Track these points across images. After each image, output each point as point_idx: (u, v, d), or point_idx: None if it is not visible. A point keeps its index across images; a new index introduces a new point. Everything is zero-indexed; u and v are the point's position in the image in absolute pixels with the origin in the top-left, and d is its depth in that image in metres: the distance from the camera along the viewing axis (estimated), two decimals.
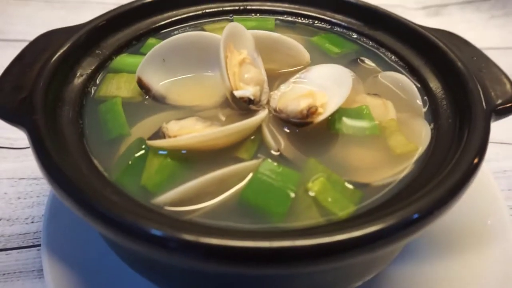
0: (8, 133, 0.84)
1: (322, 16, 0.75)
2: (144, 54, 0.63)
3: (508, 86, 0.52)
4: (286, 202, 0.43)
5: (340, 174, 0.48)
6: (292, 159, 0.49)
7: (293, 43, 0.62)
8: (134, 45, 0.67)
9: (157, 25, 0.71)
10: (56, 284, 0.55)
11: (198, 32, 0.59)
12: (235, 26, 0.56)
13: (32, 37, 1.17)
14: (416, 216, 0.37)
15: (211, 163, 0.48)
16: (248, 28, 0.73)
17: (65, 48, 0.56)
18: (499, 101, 0.50)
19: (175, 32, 0.71)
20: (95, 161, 0.47)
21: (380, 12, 0.69)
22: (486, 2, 1.27)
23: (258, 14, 0.76)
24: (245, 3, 0.77)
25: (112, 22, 0.65)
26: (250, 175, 0.46)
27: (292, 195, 0.44)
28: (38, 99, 0.47)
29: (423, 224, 0.36)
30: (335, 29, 0.73)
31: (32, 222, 0.68)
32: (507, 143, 0.84)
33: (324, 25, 0.74)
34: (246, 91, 0.51)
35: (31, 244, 0.65)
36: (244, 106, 0.53)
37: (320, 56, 0.66)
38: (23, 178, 0.76)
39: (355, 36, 0.71)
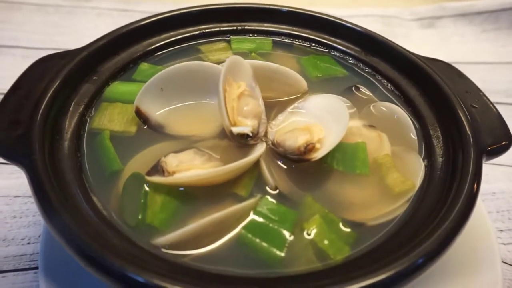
0: None
1: (320, 39, 0.75)
2: (137, 81, 0.63)
3: (499, 126, 0.53)
4: (283, 244, 0.44)
5: (335, 211, 0.49)
6: (288, 195, 0.50)
7: (291, 73, 0.62)
8: (131, 68, 0.67)
9: (154, 46, 0.70)
10: None
11: (196, 62, 0.59)
12: (234, 59, 0.56)
13: (25, 43, 1.16)
14: (420, 261, 0.38)
15: (209, 200, 0.49)
16: (246, 50, 0.73)
17: (62, 76, 0.56)
18: (490, 141, 0.51)
19: (173, 55, 0.71)
20: (94, 199, 0.47)
21: (377, 39, 0.69)
22: (479, 15, 1.28)
23: (255, 35, 0.77)
24: (242, 24, 0.77)
25: (109, 45, 0.64)
26: (248, 214, 0.47)
27: (289, 237, 0.45)
28: (36, 136, 0.47)
29: (416, 275, 0.38)
30: (332, 52, 0.74)
31: (28, 243, 0.68)
32: (497, 164, 0.86)
33: (321, 48, 0.75)
34: (244, 127, 0.52)
35: (27, 266, 0.65)
36: (242, 141, 0.53)
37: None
38: (18, 196, 0.75)
39: (351, 61, 0.72)
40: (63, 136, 0.52)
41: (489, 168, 0.85)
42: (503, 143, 0.51)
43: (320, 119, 0.58)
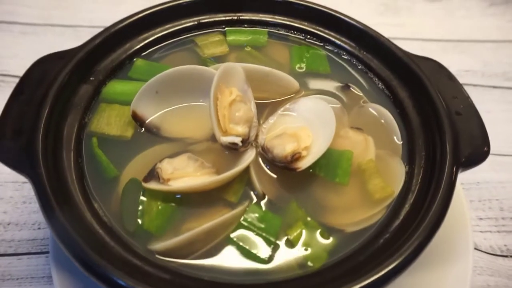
0: None
1: (315, 31, 0.75)
2: (133, 79, 0.65)
3: (480, 135, 0.55)
4: (267, 252, 0.49)
5: (317, 216, 0.53)
6: (275, 201, 0.54)
7: (283, 76, 0.64)
8: (127, 64, 0.68)
9: (149, 40, 0.71)
10: None
11: (189, 66, 0.60)
12: (226, 67, 0.58)
13: (22, 18, 1.14)
14: (390, 272, 0.43)
15: (201, 205, 0.53)
16: (241, 43, 0.74)
17: (60, 80, 0.57)
18: (468, 153, 0.53)
19: (168, 49, 0.72)
20: (96, 205, 0.51)
21: (372, 35, 0.69)
22: None
23: (251, 26, 0.76)
24: (238, 14, 0.76)
25: (105, 43, 0.65)
26: (237, 221, 0.51)
27: (274, 244, 0.49)
28: (39, 147, 0.50)
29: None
30: (327, 46, 0.74)
31: (39, 228, 0.74)
32: None
33: (316, 41, 0.75)
34: (234, 137, 0.54)
35: (39, 250, 0.71)
36: (233, 149, 0.56)
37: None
38: (26, 182, 0.80)
39: (346, 56, 0.72)
40: (64, 144, 0.55)
41: None
42: (481, 154, 0.54)
43: (309, 123, 0.60)
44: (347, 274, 0.45)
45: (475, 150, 0.54)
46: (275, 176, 0.56)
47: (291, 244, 0.50)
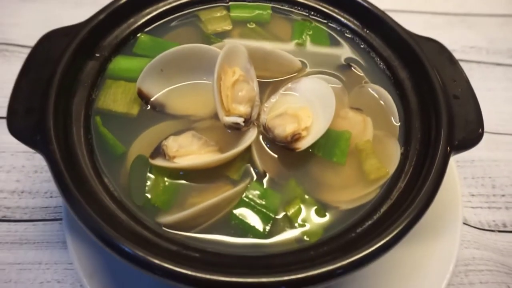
0: None
1: (319, 7, 0.74)
2: (137, 55, 0.66)
3: (474, 121, 0.57)
4: (267, 227, 0.52)
5: (314, 193, 0.56)
6: (275, 178, 0.57)
7: (285, 55, 0.65)
8: (132, 40, 0.69)
9: (154, 14, 0.71)
10: (79, 257, 0.66)
11: (194, 44, 0.61)
12: (230, 47, 0.58)
13: None
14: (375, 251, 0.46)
15: (204, 181, 0.56)
16: (245, 18, 0.74)
17: (66, 58, 0.59)
18: (462, 137, 0.55)
19: (172, 24, 0.72)
20: (106, 180, 0.55)
21: (376, 14, 0.69)
22: None
23: (255, 0, 0.76)
24: None
25: (109, 18, 0.65)
26: (239, 198, 0.54)
27: (273, 220, 0.53)
28: (50, 124, 0.52)
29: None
30: (331, 24, 0.74)
31: (51, 196, 0.78)
32: None
33: (319, 18, 0.75)
34: (236, 118, 0.56)
35: (53, 217, 0.75)
36: (235, 128, 0.58)
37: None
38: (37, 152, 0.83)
39: (349, 35, 0.72)
40: (74, 120, 0.57)
41: None
42: (474, 138, 0.56)
43: (310, 103, 0.62)
44: (340, 248, 0.49)
45: (469, 134, 0.56)
46: (275, 155, 0.59)
47: (289, 220, 0.53)
